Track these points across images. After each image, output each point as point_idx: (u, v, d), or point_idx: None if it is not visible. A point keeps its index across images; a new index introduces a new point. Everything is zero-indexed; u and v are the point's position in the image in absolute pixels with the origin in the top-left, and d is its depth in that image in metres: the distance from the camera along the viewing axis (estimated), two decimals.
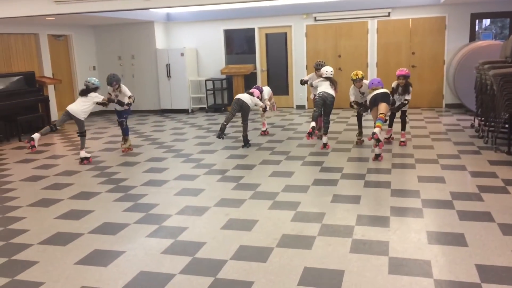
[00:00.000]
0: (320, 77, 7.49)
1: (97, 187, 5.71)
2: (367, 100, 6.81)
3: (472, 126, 8.31)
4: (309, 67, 11.56)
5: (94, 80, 6.99)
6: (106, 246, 3.96)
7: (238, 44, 12.66)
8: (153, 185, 5.68)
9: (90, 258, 3.74)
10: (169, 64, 11.82)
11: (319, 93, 7.14)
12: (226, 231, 4.16)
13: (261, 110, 7.99)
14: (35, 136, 6.39)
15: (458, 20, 10.52)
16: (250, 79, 11.93)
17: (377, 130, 6.03)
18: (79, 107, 6.80)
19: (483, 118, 7.46)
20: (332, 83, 7.29)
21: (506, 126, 6.42)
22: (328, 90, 7.15)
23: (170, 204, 4.96)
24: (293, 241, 3.87)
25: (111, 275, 3.43)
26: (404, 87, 6.88)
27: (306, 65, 11.56)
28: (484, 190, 4.92)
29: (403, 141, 7.12)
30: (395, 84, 6.97)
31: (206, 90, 11.94)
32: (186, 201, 5.03)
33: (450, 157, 6.33)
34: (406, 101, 6.91)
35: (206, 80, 11.92)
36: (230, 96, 11.92)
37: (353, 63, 11.26)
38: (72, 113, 6.76)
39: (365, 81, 7.12)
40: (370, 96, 6.60)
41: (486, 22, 14.87)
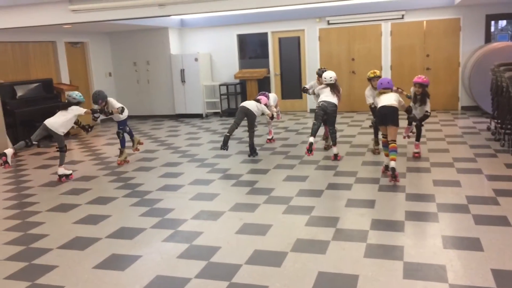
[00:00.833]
0: (321, 84, 7.05)
1: (114, 192, 5.81)
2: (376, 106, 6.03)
3: (489, 129, 8.22)
4: None
5: (76, 95, 6.56)
6: (123, 251, 4.03)
7: (252, 49, 12.72)
8: (169, 190, 5.76)
9: (108, 262, 3.81)
10: (184, 69, 11.94)
11: (319, 103, 6.69)
12: (241, 236, 4.20)
13: (268, 118, 7.76)
14: (8, 152, 5.96)
15: (473, 22, 10.43)
16: (264, 83, 11.99)
17: (393, 164, 5.44)
18: (58, 121, 6.32)
19: (500, 121, 7.38)
20: (334, 90, 6.78)
21: None
22: (329, 99, 6.65)
23: (186, 209, 5.02)
24: (307, 246, 3.89)
25: (129, 279, 3.50)
26: (421, 97, 6.30)
27: None
28: (501, 194, 4.87)
29: (417, 153, 6.59)
30: (413, 91, 6.44)
31: (220, 95, 12.03)
32: (201, 206, 5.08)
33: (466, 161, 6.28)
34: (428, 113, 6.38)
35: (220, 85, 12.00)
36: (244, 100, 11.97)
37: (367, 66, 11.18)
38: (50, 127, 6.25)
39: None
40: (379, 103, 5.74)
41: (503, 23, 14.69)
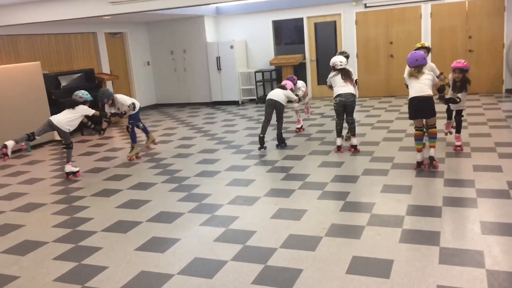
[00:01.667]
0: (332, 72, 6.46)
1: (154, 178, 6.00)
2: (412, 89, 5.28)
3: None
4: (360, 56, 11.40)
5: (82, 93, 6.30)
6: (163, 234, 4.18)
7: (287, 35, 12.65)
8: (206, 176, 5.89)
9: (149, 245, 3.98)
10: (219, 57, 12.04)
11: (336, 99, 6.25)
12: (276, 220, 4.27)
13: (296, 106, 7.55)
14: (9, 144, 5.65)
15: None
16: (299, 69, 11.93)
17: (432, 152, 5.20)
18: (64, 119, 6.12)
19: None
20: (346, 77, 6.29)
21: None
22: (344, 90, 6.21)
23: (222, 194, 5.13)
24: (342, 231, 3.92)
25: (168, 261, 3.64)
26: (461, 83, 5.69)
27: (357, 54, 11.38)
28: None
29: (459, 145, 6.00)
30: (451, 77, 5.83)
31: (256, 82, 12.07)
32: (237, 191, 5.18)
33: (509, 145, 6.08)
34: (458, 99, 5.67)
35: (256, 72, 12.04)
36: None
37: (406, 49, 10.89)
38: (56, 124, 6.06)
39: (431, 64, 6.03)
40: (410, 89, 5.20)
41: None
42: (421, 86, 5.08)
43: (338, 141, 6.42)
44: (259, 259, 3.52)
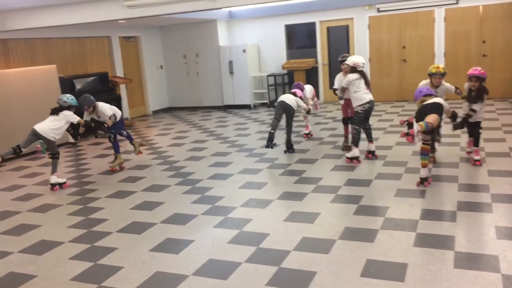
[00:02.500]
0: (351, 73, 6.00)
1: (167, 180, 6.05)
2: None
3: None
4: (372, 60, 11.39)
5: (67, 98, 6.04)
6: (177, 235, 4.22)
7: (299, 39, 12.68)
8: (219, 179, 5.92)
9: (163, 246, 4.02)
10: (232, 61, 12.10)
11: (365, 105, 5.93)
12: (289, 223, 4.28)
13: (304, 112, 7.39)
14: None
15: None
16: (312, 73, 11.94)
17: (416, 127, 4.77)
18: (48, 127, 5.86)
19: None
20: (367, 81, 6.03)
21: None
22: (370, 96, 5.97)
23: (235, 197, 5.16)
24: (356, 234, 3.92)
25: (183, 262, 3.68)
26: (477, 93, 5.30)
27: (369, 58, 11.37)
28: None
29: (478, 160, 5.53)
30: (467, 86, 5.45)
31: (268, 86, 12.10)
32: (250, 194, 5.21)
33: None
34: (472, 112, 5.33)
35: (268, 76, 12.08)
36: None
37: (419, 54, 10.95)
38: (40, 132, 5.80)
39: (446, 84, 5.65)
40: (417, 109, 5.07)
41: None
42: (429, 100, 5.00)
43: (357, 152, 6.08)
44: (273, 261, 3.54)
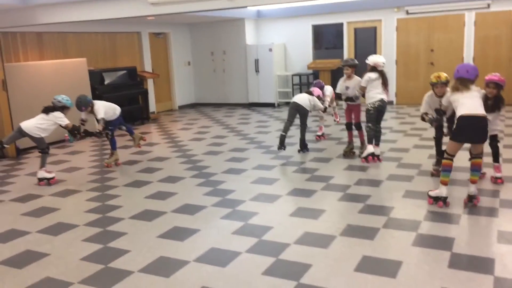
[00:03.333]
0: (371, 73, 5.99)
1: (183, 173, 6.24)
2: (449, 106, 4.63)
3: None
4: (399, 62, 11.29)
5: (62, 98, 5.98)
6: (185, 224, 4.39)
7: (326, 39, 12.69)
8: (232, 173, 6.06)
9: (170, 233, 4.19)
10: (258, 59, 12.24)
11: (375, 103, 5.92)
12: (293, 218, 4.38)
13: (321, 112, 7.29)
14: None
15: None
16: (337, 74, 11.90)
17: (473, 189, 4.36)
18: (34, 124, 5.82)
19: None
20: (384, 80, 5.99)
21: None
22: (384, 95, 5.96)
23: (245, 191, 5.29)
24: (357, 231, 3.98)
25: (186, 249, 3.84)
26: (494, 102, 4.74)
27: (396, 60, 11.28)
28: None
29: (499, 178, 5.02)
30: (483, 94, 4.63)
31: (293, 85, 12.18)
32: (261, 189, 5.32)
33: None
34: (501, 131, 4.82)
35: (293, 75, 12.16)
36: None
37: (447, 58, 10.78)
38: (25, 130, 5.79)
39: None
40: (460, 107, 4.27)
41: None
42: (475, 103, 4.28)
43: (371, 148, 6.08)
44: (272, 253, 3.65)
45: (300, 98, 6.80)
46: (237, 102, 12.95)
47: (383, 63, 6.05)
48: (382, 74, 6.03)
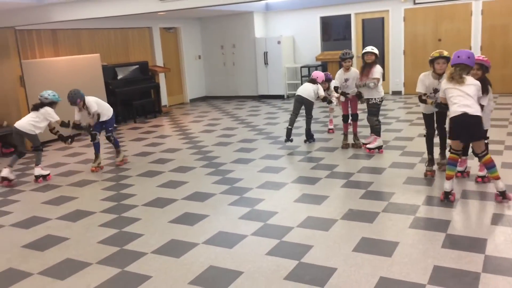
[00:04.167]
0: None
1: (194, 163, 6.48)
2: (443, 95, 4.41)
3: None
4: (407, 53, 11.37)
5: (49, 94, 5.94)
6: (195, 210, 4.63)
7: (334, 31, 12.80)
8: (241, 163, 6.29)
9: (181, 219, 4.44)
10: (267, 52, 12.41)
11: (382, 97, 6.24)
12: (298, 204, 4.59)
13: (326, 103, 7.14)
14: (4, 173, 5.87)
15: None
16: None
17: (501, 185, 4.19)
18: (27, 121, 5.88)
19: None
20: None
21: None
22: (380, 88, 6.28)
23: (253, 179, 5.51)
24: (357, 216, 4.18)
25: (195, 232, 4.08)
26: (481, 84, 4.31)
27: (404, 50, 11.36)
28: None
29: (483, 176, 4.76)
30: (478, 87, 4.29)
31: (301, 77, 12.33)
32: (267, 177, 5.54)
33: None
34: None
35: (302, 67, 12.31)
36: None
37: (455, 47, 10.55)
38: (19, 128, 5.85)
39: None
40: (452, 103, 4.22)
41: None
42: (467, 99, 4.12)
43: (381, 141, 6.30)
44: (276, 235, 3.88)
45: (304, 90, 6.89)
46: (247, 95, 13.15)
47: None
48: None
